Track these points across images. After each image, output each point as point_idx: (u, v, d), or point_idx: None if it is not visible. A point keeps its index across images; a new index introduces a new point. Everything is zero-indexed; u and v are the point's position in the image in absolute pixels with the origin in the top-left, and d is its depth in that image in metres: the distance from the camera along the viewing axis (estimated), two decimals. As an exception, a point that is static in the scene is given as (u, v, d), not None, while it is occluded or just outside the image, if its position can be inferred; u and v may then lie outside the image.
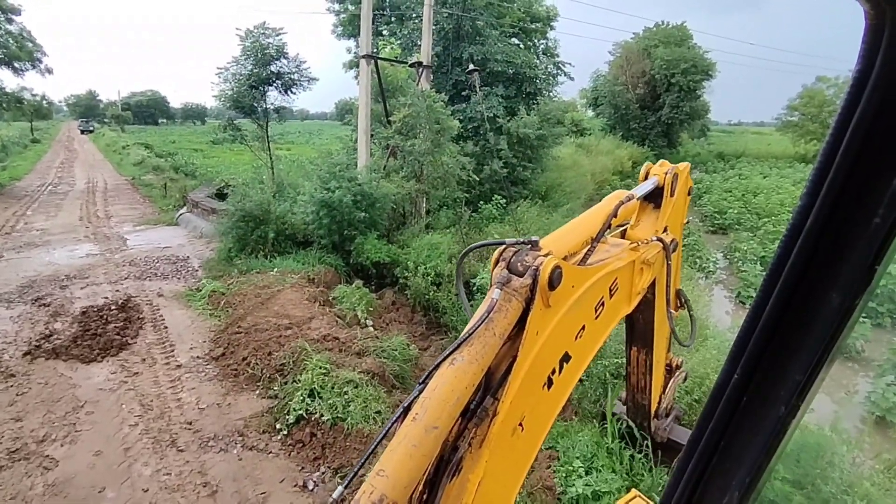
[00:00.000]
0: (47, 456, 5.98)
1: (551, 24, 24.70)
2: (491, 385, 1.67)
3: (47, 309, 10.01)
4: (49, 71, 28.67)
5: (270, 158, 20.15)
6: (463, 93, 19.74)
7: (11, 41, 25.93)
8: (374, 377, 7.35)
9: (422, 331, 10.97)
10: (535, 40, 24.54)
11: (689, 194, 3.74)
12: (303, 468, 6.03)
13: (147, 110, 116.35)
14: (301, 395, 6.80)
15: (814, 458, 5.74)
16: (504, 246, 1.82)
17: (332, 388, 6.86)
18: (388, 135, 14.76)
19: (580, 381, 7.66)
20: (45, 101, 43.90)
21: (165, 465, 5.94)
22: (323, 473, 5.93)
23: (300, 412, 6.61)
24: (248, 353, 8.13)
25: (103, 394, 7.31)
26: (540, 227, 15.56)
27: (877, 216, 0.83)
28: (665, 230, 3.23)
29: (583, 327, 2.09)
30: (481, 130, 18.16)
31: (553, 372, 1.91)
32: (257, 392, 7.46)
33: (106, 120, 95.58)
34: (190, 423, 6.73)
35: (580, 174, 26.45)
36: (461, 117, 17.85)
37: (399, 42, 21.59)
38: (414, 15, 21.12)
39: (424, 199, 15.31)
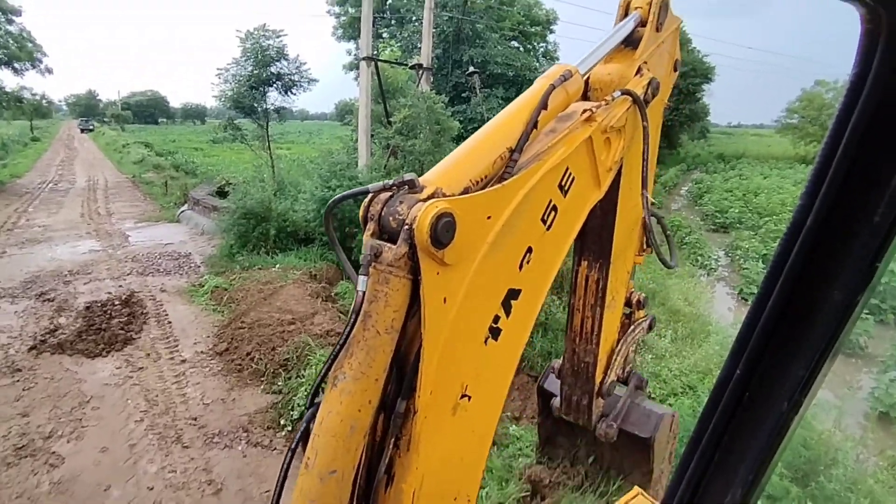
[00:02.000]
0: (53, 452, 6.00)
1: (551, 27, 24.73)
2: (405, 372, 1.32)
3: (51, 304, 10.04)
4: (49, 71, 28.79)
5: (271, 157, 20.16)
6: (463, 94, 19.77)
7: (11, 41, 25.98)
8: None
9: (423, 327, 10.99)
10: (535, 43, 24.59)
11: (675, 70, 2.89)
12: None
13: (147, 110, 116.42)
14: (305, 390, 6.83)
15: (818, 455, 5.75)
16: (370, 195, 1.29)
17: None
18: (389, 135, 14.77)
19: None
20: (44, 101, 44.02)
21: (171, 462, 5.96)
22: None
23: (304, 408, 6.62)
24: (251, 349, 8.15)
25: (109, 389, 7.34)
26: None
27: (877, 214, 0.84)
28: (639, 72, 2.31)
29: (529, 250, 1.56)
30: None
31: (496, 320, 1.48)
32: (261, 387, 7.48)
33: (106, 119, 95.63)
34: (195, 419, 6.76)
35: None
36: (461, 118, 17.86)
37: (399, 44, 21.62)
38: (414, 18, 21.14)
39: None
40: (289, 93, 19.32)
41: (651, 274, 11.90)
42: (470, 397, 1.45)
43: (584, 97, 2.10)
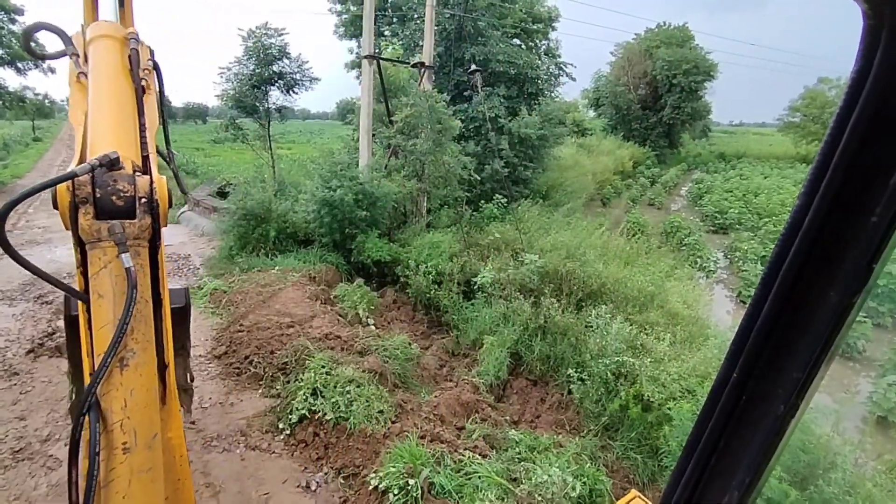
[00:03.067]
0: (51, 456, 5.99)
1: (553, 24, 24.71)
2: None
3: (49, 307, 10.03)
4: (52, 70, 28.75)
5: (272, 157, 20.19)
6: (465, 93, 19.75)
7: (14, 41, 26.00)
8: (377, 376, 7.36)
9: (423, 329, 10.98)
10: (537, 41, 24.55)
11: None
12: (305, 468, 6.04)
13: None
14: (304, 394, 6.81)
15: (816, 459, 5.74)
16: (73, 178, 1.30)
17: (335, 387, 6.87)
18: (390, 134, 14.77)
19: (581, 380, 7.68)
20: (47, 101, 43.97)
21: (167, 463, 5.94)
22: (326, 474, 5.94)
23: (303, 412, 6.62)
24: (250, 352, 8.14)
25: (105, 392, 7.32)
26: (541, 227, 15.55)
27: (875, 215, 0.83)
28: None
29: None
30: (483, 130, 18.19)
31: None
32: (259, 391, 7.47)
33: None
34: (193, 423, 6.74)
35: (581, 174, 26.46)
36: (463, 117, 17.85)
37: (401, 42, 21.62)
38: (416, 16, 21.15)
39: (425, 199, 15.31)
40: (291, 92, 19.34)
41: (650, 276, 11.89)
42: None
43: None
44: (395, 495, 5.23)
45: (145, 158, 1.56)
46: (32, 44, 1.94)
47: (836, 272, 0.90)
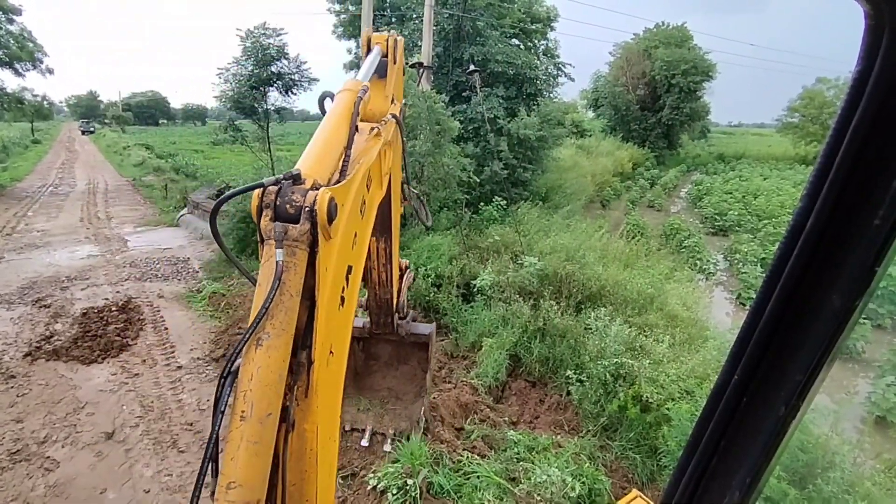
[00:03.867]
0: (48, 457, 5.98)
1: (552, 24, 24.67)
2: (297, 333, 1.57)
3: (48, 310, 10.02)
4: (50, 71, 28.70)
5: (271, 159, 20.13)
6: (463, 94, 19.73)
7: (12, 41, 25.94)
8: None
9: (422, 332, 10.96)
10: (536, 41, 24.50)
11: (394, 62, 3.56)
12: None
13: (148, 111, 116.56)
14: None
15: (815, 459, 5.74)
16: (263, 188, 1.57)
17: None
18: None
19: (580, 381, 7.69)
20: (45, 102, 43.84)
21: (166, 466, 5.94)
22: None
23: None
24: (248, 354, 8.11)
25: (104, 395, 7.32)
26: (540, 229, 15.55)
27: (877, 217, 0.83)
28: (393, 100, 3.22)
29: (355, 234, 2.00)
30: (482, 131, 18.17)
31: (342, 290, 1.85)
32: (258, 393, 7.44)
33: (107, 121, 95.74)
34: (191, 425, 6.73)
35: (580, 175, 26.47)
36: (462, 118, 17.83)
37: (400, 43, 21.57)
38: (414, 16, 21.13)
39: (425, 201, 15.30)
40: (289, 93, 19.27)
41: (649, 279, 11.89)
42: (333, 353, 1.76)
43: None
44: (393, 495, 5.23)
45: (334, 181, 1.87)
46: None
47: (839, 275, 0.90)
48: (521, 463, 6.06)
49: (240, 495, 1.34)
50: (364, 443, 4.80)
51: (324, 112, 2.28)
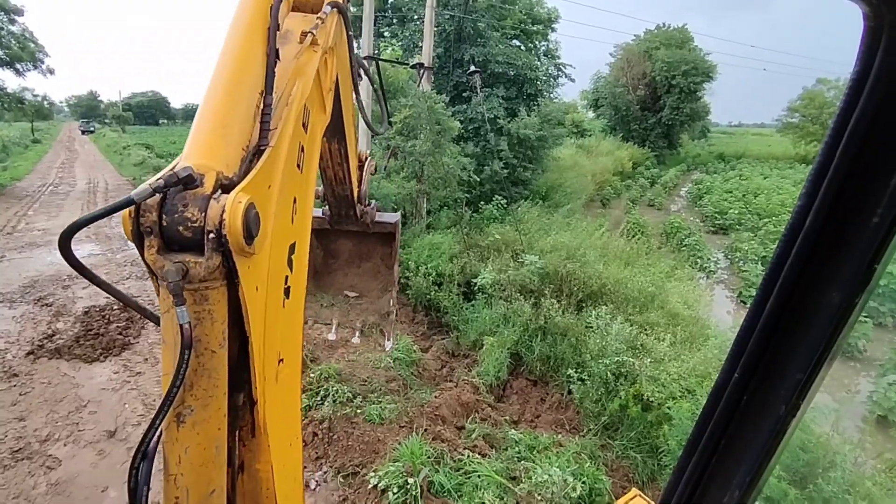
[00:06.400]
0: (50, 455, 5.99)
1: (552, 26, 24.66)
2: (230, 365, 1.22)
3: (49, 309, 10.02)
4: (51, 71, 28.64)
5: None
6: (464, 94, 19.73)
7: (14, 42, 25.90)
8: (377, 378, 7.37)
9: (423, 330, 10.97)
10: (537, 42, 24.49)
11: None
12: (305, 467, 6.04)
13: (148, 111, 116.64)
14: (304, 397, 6.81)
15: (816, 458, 5.75)
16: (135, 206, 1.05)
17: (335, 388, 6.88)
18: (389, 136, 14.76)
19: (581, 380, 7.68)
20: (46, 102, 43.86)
21: (168, 464, 5.95)
22: (325, 473, 5.94)
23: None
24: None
25: (106, 393, 7.32)
26: (541, 227, 15.55)
27: (876, 215, 0.83)
28: None
29: (294, 200, 1.50)
30: (482, 131, 18.18)
31: (286, 280, 1.44)
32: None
33: (107, 121, 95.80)
34: (191, 424, 6.74)
35: (580, 175, 26.45)
36: (462, 118, 17.84)
37: (400, 43, 21.60)
38: (415, 17, 21.13)
39: (425, 200, 15.31)
40: (290, 93, 19.28)
41: (650, 277, 11.89)
42: (283, 360, 1.44)
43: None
44: (394, 494, 5.24)
45: (250, 157, 1.23)
46: None
47: (838, 273, 0.90)
48: (522, 462, 6.07)
49: None
50: (331, 336, 4.34)
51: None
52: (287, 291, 1.46)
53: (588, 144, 38.29)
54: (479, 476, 5.68)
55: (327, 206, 3.93)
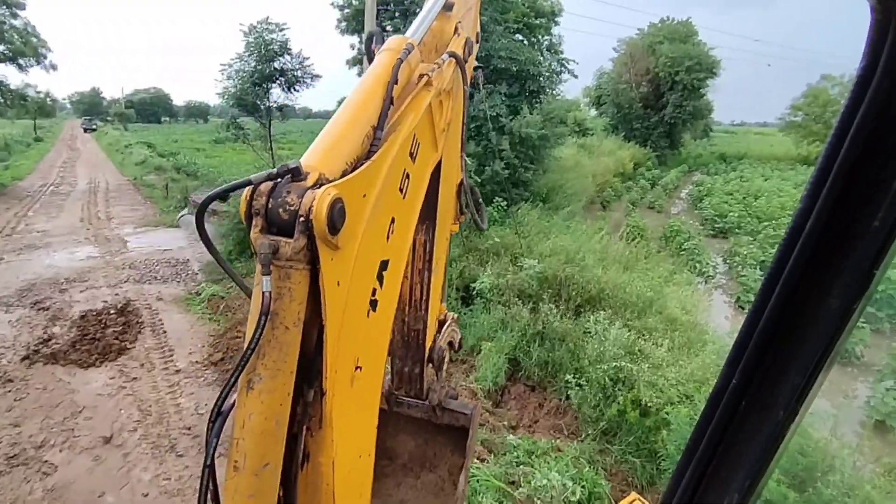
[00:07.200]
0: (46, 461, 5.96)
1: (556, 19, 24.42)
2: (308, 358, 1.32)
3: (46, 313, 9.99)
4: (54, 67, 28.52)
5: (273, 158, 20.09)
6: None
7: (16, 36, 25.74)
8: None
9: (421, 334, 10.93)
10: (540, 36, 24.21)
11: (476, 41, 2.80)
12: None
13: (150, 108, 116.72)
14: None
15: (814, 462, 5.73)
16: (251, 186, 1.24)
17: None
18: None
19: (580, 386, 7.66)
20: (48, 99, 43.77)
21: (165, 470, 5.92)
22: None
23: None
24: (247, 357, 8.10)
25: (102, 399, 7.30)
26: (540, 230, 15.54)
27: (876, 219, 0.82)
28: (457, 31, 2.33)
29: (392, 220, 1.60)
30: (483, 130, 18.08)
31: (373, 293, 1.53)
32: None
33: (109, 118, 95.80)
34: (189, 429, 6.71)
35: (582, 175, 26.37)
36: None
37: (403, 37, 21.53)
38: (418, 10, 21.09)
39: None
40: (292, 89, 19.14)
41: (649, 282, 11.88)
42: (361, 368, 1.51)
43: None
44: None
45: (349, 171, 1.43)
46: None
47: (837, 278, 0.89)
48: (521, 467, 6.04)
49: None
50: None
51: (371, 59, 1.77)
52: (374, 304, 1.54)
53: (590, 144, 38.19)
54: (478, 481, 5.66)
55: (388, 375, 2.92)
